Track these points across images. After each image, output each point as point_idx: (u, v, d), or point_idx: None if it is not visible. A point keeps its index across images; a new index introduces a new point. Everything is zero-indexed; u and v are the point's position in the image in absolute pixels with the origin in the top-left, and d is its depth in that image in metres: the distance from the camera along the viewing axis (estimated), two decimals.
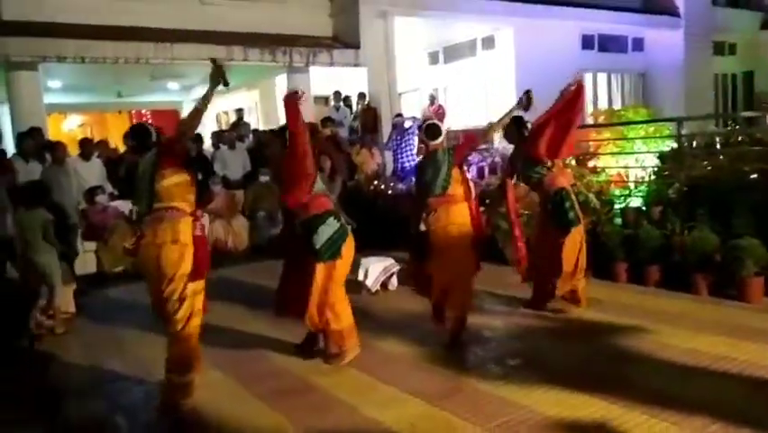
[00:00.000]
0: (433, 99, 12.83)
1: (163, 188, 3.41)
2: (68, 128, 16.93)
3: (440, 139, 4.46)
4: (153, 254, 3.43)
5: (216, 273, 7.46)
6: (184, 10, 10.32)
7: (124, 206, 7.61)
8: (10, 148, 8.65)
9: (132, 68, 10.09)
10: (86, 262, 7.49)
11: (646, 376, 3.60)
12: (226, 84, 3.51)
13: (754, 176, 5.84)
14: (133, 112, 16.56)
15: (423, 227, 4.39)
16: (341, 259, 4.08)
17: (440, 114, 12.64)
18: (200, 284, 3.59)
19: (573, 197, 4.88)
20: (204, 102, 3.47)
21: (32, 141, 7.07)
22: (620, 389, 3.38)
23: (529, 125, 4.92)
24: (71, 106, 15.21)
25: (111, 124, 17.06)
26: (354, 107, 12.28)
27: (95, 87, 13.14)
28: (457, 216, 4.36)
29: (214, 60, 3.57)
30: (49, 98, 10.64)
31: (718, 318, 4.56)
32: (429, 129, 4.50)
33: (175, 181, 3.45)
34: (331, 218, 4.08)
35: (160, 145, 3.54)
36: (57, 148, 7.15)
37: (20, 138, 7.02)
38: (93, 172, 8.21)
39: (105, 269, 7.60)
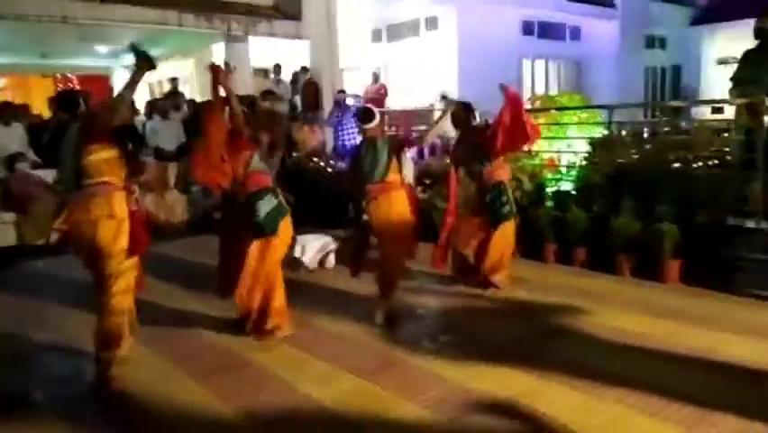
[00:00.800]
0: (376, 78, 12.77)
1: (91, 164, 3.31)
2: None
3: (374, 122, 4.49)
4: (88, 230, 3.33)
5: (149, 249, 7.26)
6: None
7: (47, 174, 7.21)
8: None
9: (58, 27, 9.49)
10: (5, 233, 7.08)
11: (571, 352, 3.77)
12: (153, 68, 3.42)
13: (677, 165, 6.17)
14: (59, 76, 15.64)
15: (365, 216, 4.45)
16: (277, 237, 4.06)
17: (381, 93, 12.62)
18: (135, 260, 3.54)
19: (510, 191, 5.10)
20: (128, 90, 3.37)
21: None
22: (546, 364, 3.54)
23: (477, 114, 5.13)
24: None
25: (34, 87, 16.03)
26: (297, 82, 12.06)
27: (16, 47, 12.28)
28: (398, 203, 4.44)
29: (134, 47, 3.45)
30: None
31: (639, 298, 4.82)
32: (364, 113, 4.54)
33: (103, 157, 3.35)
34: (269, 195, 4.07)
35: (81, 121, 3.42)
36: None
37: None
38: (13, 138, 7.74)
39: (26, 241, 7.21)
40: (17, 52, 12.75)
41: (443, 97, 6.72)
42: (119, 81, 15.07)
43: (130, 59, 3.48)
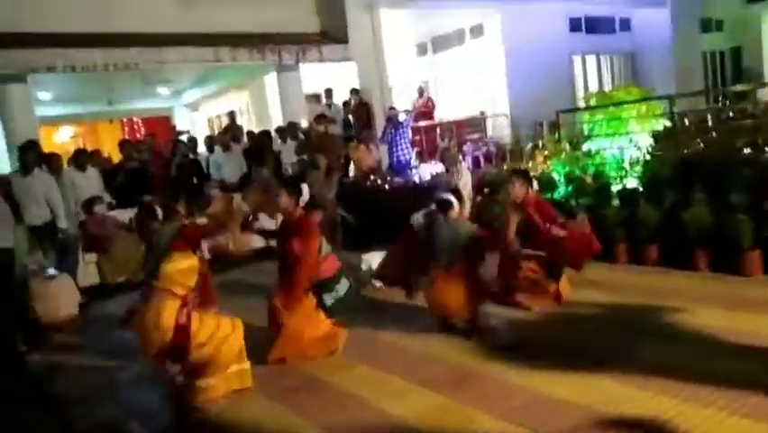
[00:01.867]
0: (421, 92, 12.84)
1: (166, 272, 3.56)
2: (60, 140, 16.88)
3: (453, 212, 4.52)
4: (141, 327, 3.61)
5: (220, 277, 7.52)
6: (170, 13, 10.29)
7: (122, 215, 7.62)
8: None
9: (122, 74, 10.09)
10: (90, 273, 7.50)
11: (656, 353, 3.63)
12: None
13: (747, 150, 5.89)
14: (125, 120, 16.52)
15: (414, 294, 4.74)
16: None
17: (429, 106, 12.69)
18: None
19: None
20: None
21: (34, 153, 6.94)
22: (630, 367, 3.44)
23: None
24: (62, 118, 15.17)
25: (102, 133, 17.01)
26: (348, 104, 12.28)
27: (85, 97, 13.11)
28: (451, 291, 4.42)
29: None
30: (39, 111, 10.62)
31: (722, 293, 4.61)
32: (440, 204, 4.60)
33: (179, 267, 3.59)
34: (342, 278, 4.33)
35: (182, 230, 3.78)
36: (53, 159, 7.14)
37: (21, 151, 6.84)
38: (89, 183, 8.21)
39: (108, 279, 7.61)
40: (86, 101, 13.60)
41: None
42: (180, 120, 15.78)
43: (189, 97, 3.74)
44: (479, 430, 3.04)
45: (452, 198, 4.55)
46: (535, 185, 5.17)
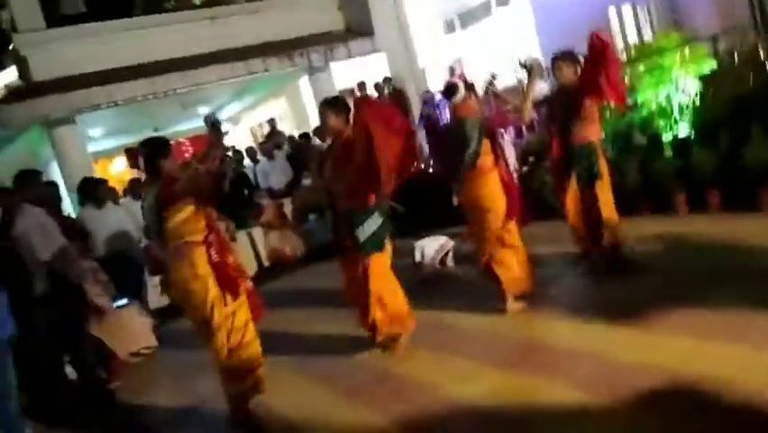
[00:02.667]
0: (452, 71, 12.64)
1: (170, 229, 3.48)
2: (115, 171, 17.60)
3: (459, 96, 4.29)
4: (181, 290, 3.57)
5: (280, 283, 7.70)
6: (198, 34, 10.58)
7: None
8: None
9: (163, 101, 10.42)
10: (160, 296, 7.78)
11: (726, 303, 3.45)
12: (222, 135, 3.75)
13: None
14: (173, 142, 17.00)
15: (455, 201, 4.46)
16: (383, 252, 4.05)
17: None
18: (238, 302, 3.62)
19: (600, 152, 4.64)
20: (203, 162, 3.55)
21: (104, 187, 7.17)
22: (701, 322, 3.30)
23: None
24: (115, 150, 15.78)
25: None
26: (381, 92, 12.26)
27: (132, 127, 13.60)
28: (485, 186, 4.29)
29: (206, 119, 3.64)
30: (93, 147, 11.12)
31: None
32: (447, 89, 4.42)
33: (181, 218, 3.47)
34: (376, 213, 4.01)
35: (159, 190, 3.51)
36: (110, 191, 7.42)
37: (93, 185, 7.07)
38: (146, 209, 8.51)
39: (174, 300, 7.87)
40: (134, 131, 14.07)
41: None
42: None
43: (229, 111, 3.75)
44: (550, 403, 2.97)
45: (458, 81, 4.35)
46: None
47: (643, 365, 3.04)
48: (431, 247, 6.00)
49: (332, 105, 4.10)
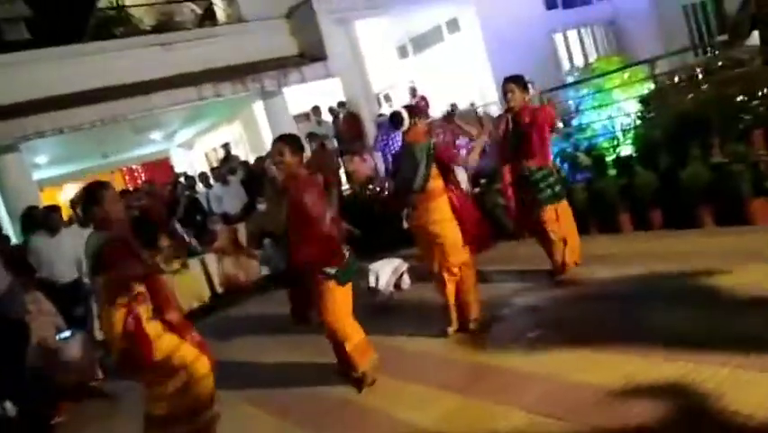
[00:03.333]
0: (414, 91, 12.83)
1: (101, 286, 3.30)
2: (64, 198, 17.07)
3: (405, 125, 4.32)
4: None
5: (235, 310, 7.57)
6: (149, 60, 10.43)
7: None
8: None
9: (112, 127, 10.20)
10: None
11: (671, 320, 3.59)
12: None
13: (741, 98, 5.81)
14: (125, 169, 16.68)
15: (405, 225, 4.46)
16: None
17: (423, 105, 12.66)
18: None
19: (555, 173, 4.99)
20: None
21: (58, 214, 6.96)
22: (649, 339, 3.38)
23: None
24: (63, 177, 15.34)
25: None
26: (337, 117, 12.31)
27: (80, 154, 13.27)
28: (435, 212, 4.28)
29: None
30: (39, 174, 10.75)
31: (735, 246, 4.50)
32: (392, 119, 4.45)
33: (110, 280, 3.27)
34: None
35: (101, 250, 3.26)
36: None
37: (44, 214, 6.88)
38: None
39: None
40: (82, 158, 13.75)
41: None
42: (177, 160, 15.92)
43: (182, 137, 3.71)
44: (505, 426, 2.99)
45: (402, 111, 4.33)
46: None
47: (593, 385, 3.10)
48: (385, 271, 6.00)
49: (289, 142, 3.95)
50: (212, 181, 9.95)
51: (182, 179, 10.63)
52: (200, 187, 10.07)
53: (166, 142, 15.08)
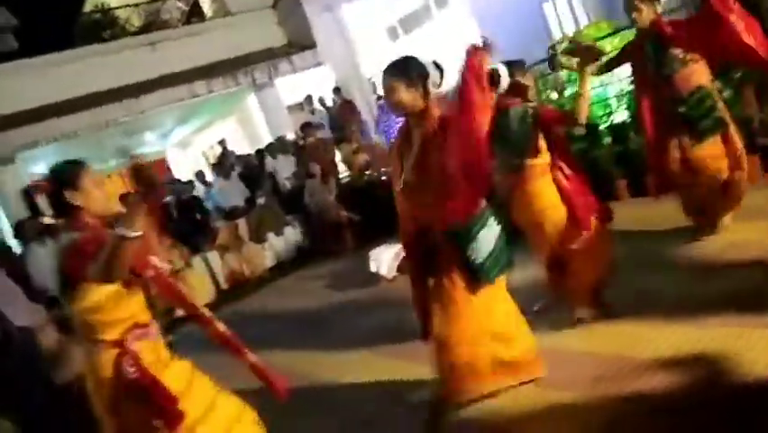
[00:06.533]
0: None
1: (76, 314, 2.24)
2: None
3: (503, 84, 3.07)
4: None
5: (240, 304, 7.57)
6: (138, 61, 10.41)
7: None
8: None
9: (107, 131, 10.21)
10: None
11: (664, 287, 3.57)
12: None
13: None
14: (124, 171, 16.66)
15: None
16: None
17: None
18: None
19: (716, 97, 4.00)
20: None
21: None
22: (644, 306, 3.37)
23: None
24: None
25: (109, 190, 17.16)
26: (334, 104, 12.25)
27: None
28: (545, 196, 3.38)
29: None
30: None
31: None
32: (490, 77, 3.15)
33: (94, 300, 2.19)
34: (491, 218, 2.85)
35: (65, 250, 2.23)
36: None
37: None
38: None
39: None
40: None
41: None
42: (173, 159, 15.93)
43: (177, 136, 3.24)
44: (512, 398, 2.93)
45: (500, 66, 3.05)
46: None
47: (592, 355, 3.10)
48: (387, 255, 6.01)
49: (399, 72, 2.83)
50: (209, 178, 9.96)
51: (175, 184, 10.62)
52: (198, 186, 10.09)
53: (161, 142, 15.10)
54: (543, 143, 3.37)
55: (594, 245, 3.35)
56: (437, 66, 2.92)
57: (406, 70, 2.83)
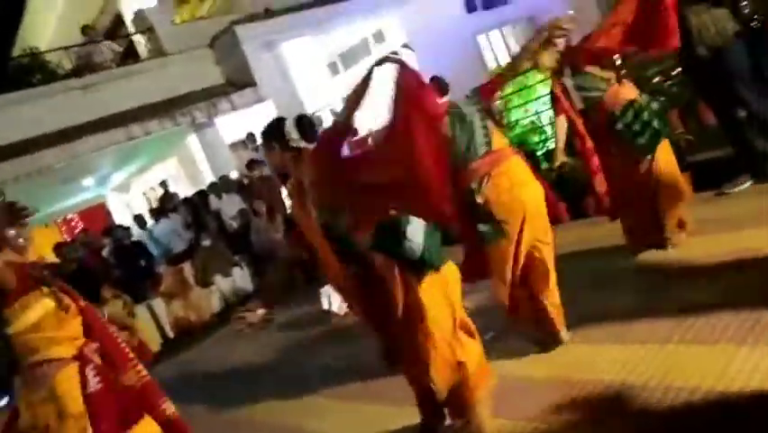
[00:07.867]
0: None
1: (20, 337, 2.32)
2: None
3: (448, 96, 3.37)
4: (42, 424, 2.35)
5: (189, 354, 7.30)
6: (71, 105, 10.09)
7: None
8: None
9: (39, 180, 9.80)
10: None
11: (607, 307, 3.65)
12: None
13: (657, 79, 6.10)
14: (59, 220, 16.05)
15: (479, 199, 3.20)
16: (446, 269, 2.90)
17: None
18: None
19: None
20: None
21: None
22: (595, 326, 3.43)
23: None
24: None
25: (41, 239, 16.42)
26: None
27: None
28: (519, 172, 3.32)
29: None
30: None
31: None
32: (439, 85, 3.68)
33: (33, 319, 2.35)
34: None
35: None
36: None
37: None
38: None
39: None
40: None
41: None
42: (114, 204, 15.45)
43: (117, 180, 3.28)
44: None
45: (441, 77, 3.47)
46: None
47: (539, 379, 3.12)
48: (336, 293, 5.95)
49: (263, 141, 3.18)
50: (150, 221, 9.68)
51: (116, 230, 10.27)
52: (136, 230, 9.79)
53: (100, 188, 14.61)
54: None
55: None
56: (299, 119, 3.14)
57: (266, 138, 3.16)
